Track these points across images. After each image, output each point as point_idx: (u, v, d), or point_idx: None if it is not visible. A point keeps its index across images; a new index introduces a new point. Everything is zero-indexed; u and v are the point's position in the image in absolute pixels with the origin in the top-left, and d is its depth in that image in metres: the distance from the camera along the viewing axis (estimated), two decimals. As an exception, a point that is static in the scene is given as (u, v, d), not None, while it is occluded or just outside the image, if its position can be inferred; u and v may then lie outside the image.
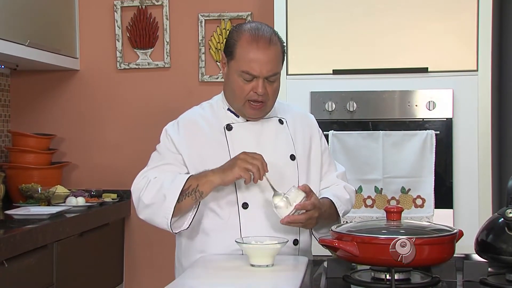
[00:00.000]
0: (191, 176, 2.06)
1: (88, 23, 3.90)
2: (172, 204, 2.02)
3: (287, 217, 1.98)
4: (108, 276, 3.67)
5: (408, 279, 1.72)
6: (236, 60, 2.09)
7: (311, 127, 2.31)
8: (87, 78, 3.92)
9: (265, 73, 2.07)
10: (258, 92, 2.08)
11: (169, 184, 2.05)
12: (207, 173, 2.04)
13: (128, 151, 3.86)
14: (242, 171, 1.98)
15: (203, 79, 3.80)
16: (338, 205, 2.17)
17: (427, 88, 3.14)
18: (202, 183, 2.02)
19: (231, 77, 2.13)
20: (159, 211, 2.06)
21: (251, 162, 1.98)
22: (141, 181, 2.14)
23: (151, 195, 2.07)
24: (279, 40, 2.13)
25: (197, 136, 2.18)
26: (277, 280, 1.83)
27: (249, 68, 2.07)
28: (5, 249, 2.47)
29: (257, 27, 2.11)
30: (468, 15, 3.12)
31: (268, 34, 2.10)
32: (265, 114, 2.20)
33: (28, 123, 3.91)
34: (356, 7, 3.21)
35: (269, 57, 2.07)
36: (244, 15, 3.75)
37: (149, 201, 2.08)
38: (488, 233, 1.76)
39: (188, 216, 2.09)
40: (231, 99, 2.17)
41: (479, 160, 3.10)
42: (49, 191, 3.40)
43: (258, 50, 2.06)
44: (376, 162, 3.13)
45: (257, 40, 2.07)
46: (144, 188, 2.10)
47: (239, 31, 2.12)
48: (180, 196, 2.02)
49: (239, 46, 2.09)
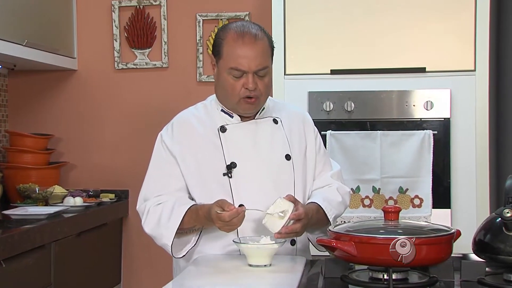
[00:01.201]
0: (187, 212, 2.06)
1: (86, 23, 3.90)
2: (169, 242, 2.07)
3: (285, 228, 1.96)
4: (106, 276, 3.66)
5: (405, 279, 1.72)
6: (224, 58, 2.09)
7: (307, 126, 2.30)
8: (85, 78, 3.92)
9: (254, 68, 2.07)
10: (249, 87, 2.07)
11: (166, 220, 2.09)
12: (200, 219, 2.05)
13: (126, 151, 3.86)
14: (226, 230, 2.00)
15: (201, 79, 3.80)
16: (328, 210, 2.14)
17: (425, 88, 3.14)
18: (198, 224, 2.08)
19: (221, 77, 2.12)
20: (161, 243, 2.12)
21: (228, 226, 1.97)
22: (141, 206, 2.19)
23: (150, 228, 2.14)
24: (266, 35, 2.13)
25: (191, 138, 2.18)
26: (275, 280, 1.83)
27: (237, 64, 2.06)
28: (3, 249, 2.47)
29: (242, 24, 2.12)
30: (466, 15, 3.12)
31: (254, 30, 2.10)
32: (259, 108, 2.19)
33: (26, 123, 3.91)
34: (354, 7, 3.21)
35: (257, 52, 2.07)
36: (242, 15, 3.75)
37: (150, 233, 2.15)
38: (486, 233, 1.77)
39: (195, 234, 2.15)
40: (224, 98, 2.17)
41: (477, 160, 3.10)
42: (47, 191, 3.40)
43: (245, 46, 2.06)
44: (374, 162, 3.13)
45: (242, 36, 2.07)
46: (145, 217, 2.16)
47: (225, 30, 2.12)
48: (179, 230, 2.07)
49: (225, 44, 2.09)
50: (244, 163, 2.13)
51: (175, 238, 2.08)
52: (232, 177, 2.12)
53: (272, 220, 1.97)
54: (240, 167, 2.13)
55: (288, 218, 1.96)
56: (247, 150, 2.15)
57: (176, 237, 2.08)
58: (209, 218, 1.99)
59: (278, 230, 1.96)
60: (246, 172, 2.12)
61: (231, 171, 2.12)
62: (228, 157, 2.13)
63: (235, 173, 2.12)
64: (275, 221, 1.97)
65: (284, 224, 1.96)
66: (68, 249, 3.08)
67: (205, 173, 2.14)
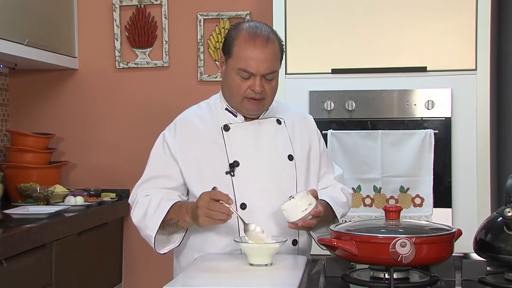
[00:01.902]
0: (172, 206, 2.06)
1: (87, 23, 3.90)
2: (152, 233, 2.07)
3: (302, 222, 1.96)
4: (107, 275, 3.67)
5: (406, 278, 1.72)
6: (234, 58, 2.09)
7: (310, 128, 2.30)
8: (85, 78, 3.92)
9: (262, 71, 2.07)
10: (256, 90, 2.08)
11: (152, 213, 2.09)
12: (183, 212, 2.03)
13: (127, 150, 3.86)
14: (206, 221, 1.95)
15: (202, 78, 3.80)
16: (336, 208, 2.16)
17: (425, 87, 3.14)
18: (181, 220, 2.06)
19: (229, 75, 2.13)
20: (144, 235, 2.14)
21: (210, 208, 1.93)
22: (132, 197, 2.21)
23: (137, 219, 2.15)
24: (277, 39, 2.13)
25: (194, 138, 2.18)
26: (276, 279, 1.83)
27: (246, 66, 2.06)
28: (3, 249, 2.47)
29: (255, 26, 2.11)
30: (467, 14, 3.12)
31: (266, 32, 2.10)
32: (263, 110, 2.19)
33: (27, 123, 3.91)
34: (355, 6, 3.21)
35: (267, 55, 2.07)
36: (242, 14, 3.75)
37: (136, 223, 2.16)
38: (487, 232, 1.77)
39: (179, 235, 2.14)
40: (229, 97, 2.17)
41: (478, 159, 3.10)
42: (48, 190, 3.40)
43: (256, 48, 2.06)
44: (374, 161, 3.13)
45: (254, 38, 2.07)
46: (133, 207, 2.18)
47: (237, 29, 2.12)
48: (162, 224, 2.07)
49: (236, 44, 2.09)
50: (247, 162, 2.14)
51: (162, 236, 2.10)
52: (235, 176, 2.12)
53: (292, 210, 1.96)
54: (242, 166, 2.13)
55: (310, 213, 1.96)
56: (250, 150, 2.15)
57: (161, 234, 2.09)
58: (193, 208, 1.97)
59: (295, 221, 1.96)
60: (249, 171, 2.13)
61: (234, 169, 2.12)
62: (231, 155, 2.13)
63: (238, 172, 2.12)
64: (295, 212, 1.96)
65: (303, 217, 1.96)
66: (69, 248, 3.08)
67: (208, 172, 2.14)
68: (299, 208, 1.95)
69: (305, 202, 1.96)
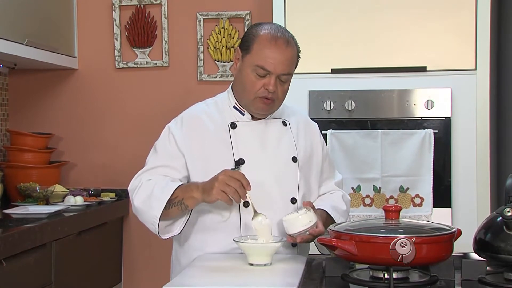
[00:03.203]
0: (179, 186, 2.06)
1: (87, 22, 3.90)
2: (158, 213, 2.04)
3: (300, 238, 1.98)
4: (107, 275, 3.67)
5: (406, 278, 1.72)
6: (252, 54, 2.11)
7: (314, 134, 2.33)
8: (85, 77, 3.92)
9: (279, 71, 2.09)
10: (269, 89, 2.09)
11: (158, 192, 2.07)
12: (192, 188, 2.04)
13: (126, 150, 3.86)
14: (219, 194, 1.95)
15: (202, 78, 3.80)
16: (337, 218, 2.20)
17: (425, 87, 3.14)
18: (187, 197, 2.04)
19: (244, 72, 2.13)
20: (147, 217, 2.09)
21: (229, 184, 1.95)
22: (135, 182, 2.17)
23: (141, 200, 2.10)
24: (296, 45, 2.17)
25: (201, 133, 2.18)
26: (275, 279, 1.83)
27: (264, 63, 2.08)
28: (3, 248, 2.47)
29: (277, 27, 2.15)
30: (467, 13, 3.12)
31: (287, 36, 2.14)
32: (272, 111, 2.20)
33: (26, 122, 3.91)
34: (355, 6, 3.21)
35: (285, 57, 2.10)
36: (242, 14, 3.75)
37: (139, 205, 2.11)
38: (487, 232, 1.77)
39: (181, 221, 2.11)
40: (241, 94, 2.18)
41: (478, 159, 3.10)
42: (48, 190, 3.40)
43: (276, 48, 2.09)
44: (374, 161, 3.13)
45: (276, 38, 2.10)
46: (136, 190, 2.13)
47: (259, 28, 2.14)
48: (168, 204, 2.04)
49: (257, 42, 2.11)
50: (252, 161, 2.14)
51: (163, 222, 2.07)
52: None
53: (293, 222, 1.98)
54: (247, 164, 2.13)
55: (308, 230, 1.99)
56: (255, 148, 2.16)
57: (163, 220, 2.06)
58: (209, 181, 1.98)
59: (293, 234, 1.98)
60: (253, 169, 2.12)
61: (239, 167, 2.12)
62: (237, 153, 2.14)
63: (242, 169, 2.12)
64: (295, 225, 1.98)
65: (301, 231, 1.98)
66: (69, 248, 3.08)
67: (213, 168, 2.12)
68: (300, 222, 1.98)
69: (306, 218, 1.99)
